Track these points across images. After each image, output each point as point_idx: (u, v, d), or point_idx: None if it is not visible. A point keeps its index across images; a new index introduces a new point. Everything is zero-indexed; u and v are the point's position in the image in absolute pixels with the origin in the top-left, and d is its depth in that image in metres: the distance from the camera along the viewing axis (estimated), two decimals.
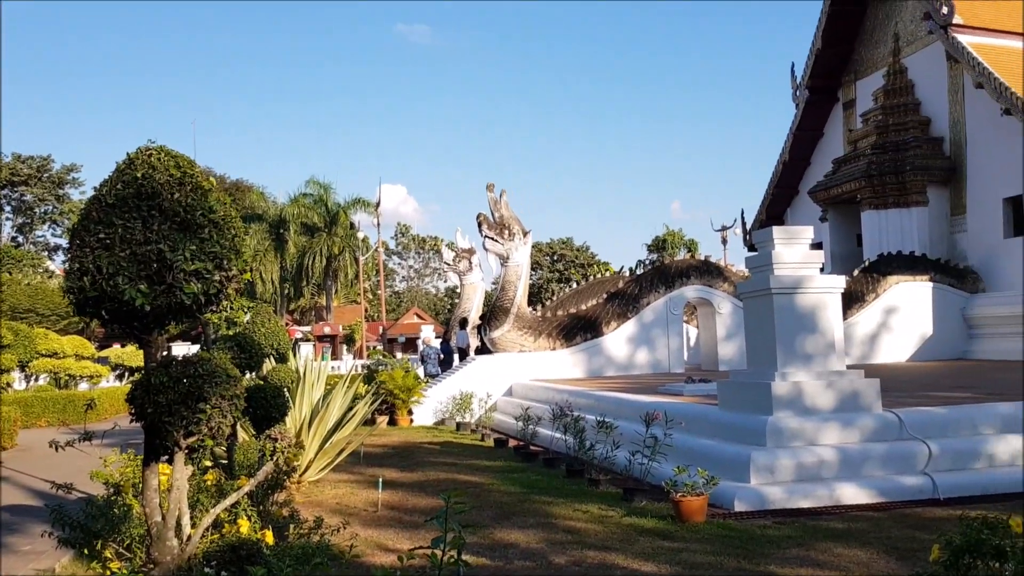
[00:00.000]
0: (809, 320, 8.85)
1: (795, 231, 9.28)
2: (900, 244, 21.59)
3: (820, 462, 8.20)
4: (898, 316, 20.17)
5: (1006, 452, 8.65)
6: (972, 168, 21.12)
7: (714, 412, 9.72)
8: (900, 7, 23.51)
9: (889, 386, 11.52)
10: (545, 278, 70.48)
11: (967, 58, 19.71)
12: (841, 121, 26.31)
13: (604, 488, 9.16)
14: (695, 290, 19.75)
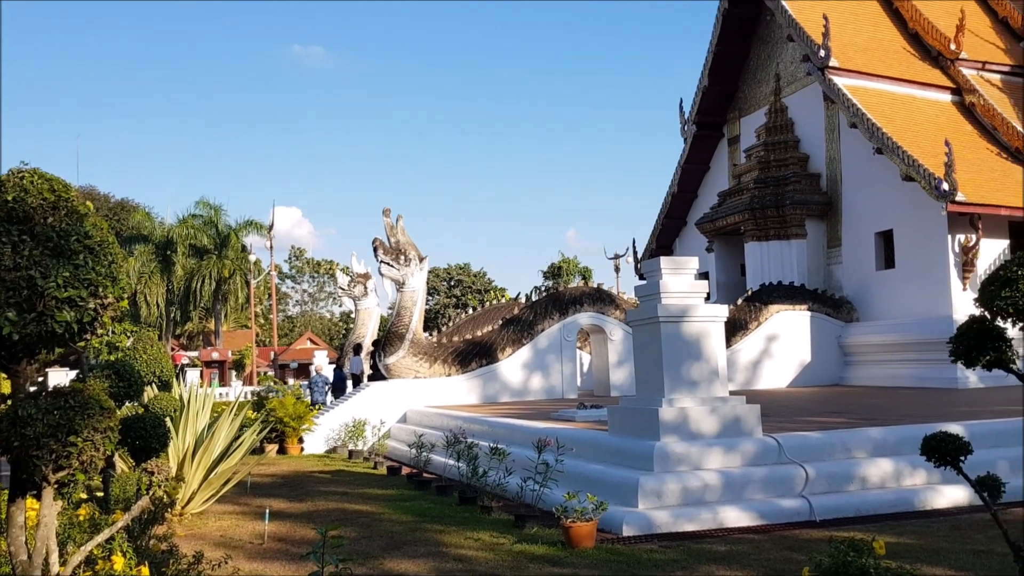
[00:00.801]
0: (694, 347, 9.13)
1: (681, 262, 9.57)
2: (781, 274, 22.55)
3: (704, 486, 8.44)
4: (779, 343, 21.01)
5: (877, 475, 9.08)
6: (847, 203, 22.29)
7: (604, 437, 9.89)
8: (781, 49, 24.71)
9: (770, 411, 11.98)
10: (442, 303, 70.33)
11: (842, 99, 20.85)
12: (726, 156, 27.38)
13: (497, 515, 9.17)
14: (588, 317, 20.09)
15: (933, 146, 19.19)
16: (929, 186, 18.25)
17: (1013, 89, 22.63)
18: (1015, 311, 4.65)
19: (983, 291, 4.80)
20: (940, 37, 22.59)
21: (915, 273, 19.91)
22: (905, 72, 22.17)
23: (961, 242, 18.98)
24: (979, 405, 13.20)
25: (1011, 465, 9.08)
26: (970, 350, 4.75)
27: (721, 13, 25.58)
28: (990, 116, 21.37)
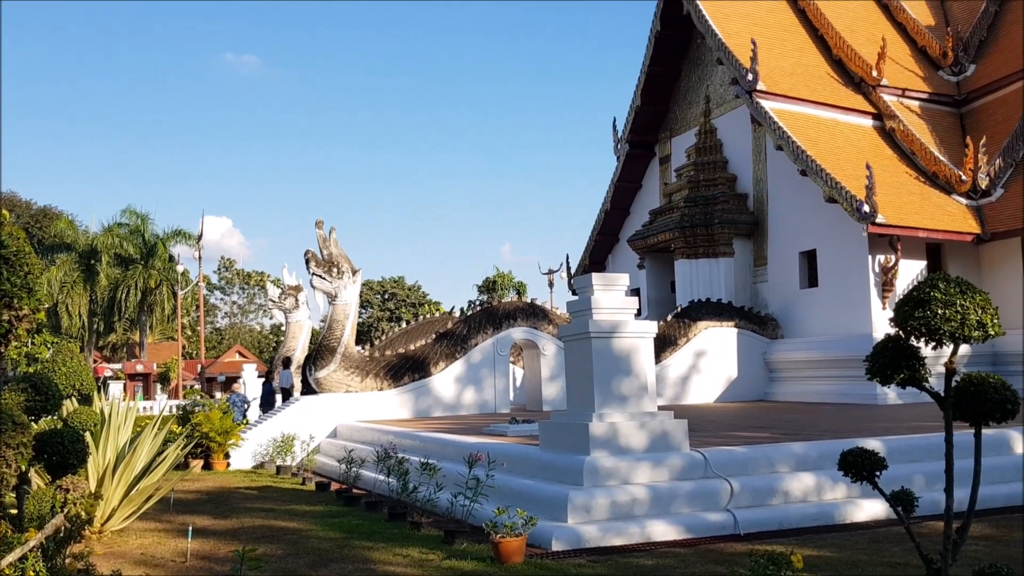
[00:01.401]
0: (624, 363, 9.25)
1: (613, 278, 9.70)
2: (709, 291, 23.01)
3: (633, 500, 8.54)
4: (707, 359, 21.40)
5: (799, 489, 9.31)
6: (773, 223, 22.88)
7: (535, 452, 9.94)
8: (711, 71, 25.30)
9: (697, 426, 12.18)
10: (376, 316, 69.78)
11: (769, 122, 21.43)
12: (658, 174, 27.86)
13: (426, 531, 9.12)
14: (522, 332, 20.18)
15: (855, 169, 19.84)
16: (851, 208, 18.86)
17: (931, 115, 23.56)
18: (928, 331, 4.84)
19: (898, 311, 4.98)
20: (863, 64, 23.41)
21: (837, 292, 20.52)
22: (829, 97, 22.90)
23: (881, 262, 19.63)
24: (897, 421, 13.64)
25: (927, 479, 9.40)
26: (885, 368, 4.92)
27: (654, 35, 26.08)
28: (909, 141, 22.21)
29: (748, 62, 21.90)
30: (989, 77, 23.72)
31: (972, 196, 20.79)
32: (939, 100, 24.07)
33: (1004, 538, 7.95)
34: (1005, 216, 19.88)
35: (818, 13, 25.17)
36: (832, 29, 24.58)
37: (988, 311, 4.90)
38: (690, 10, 24.31)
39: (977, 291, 4.95)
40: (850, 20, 25.50)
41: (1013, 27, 24.35)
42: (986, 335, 4.87)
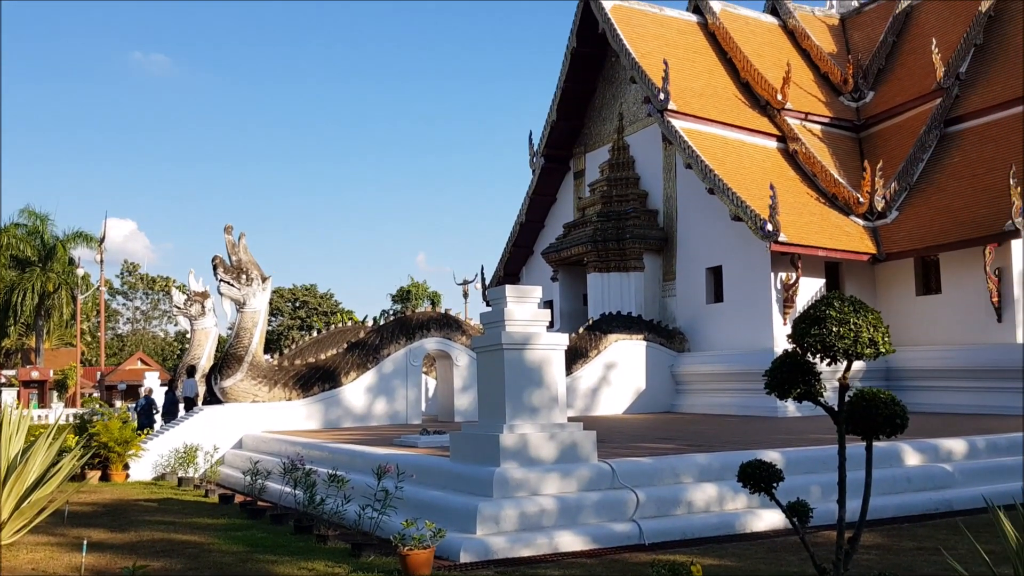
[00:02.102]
0: (536, 375, 9.35)
1: (526, 290, 9.80)
2: (620, 305, 23.42)
3: (541, 511, 8.63)
4: (616, 371, 21.77)
5: (702, 499, 9.55)
6: (681, 239, 23.47)
7: (446, 464, 9.94)
8: (625, 89, 25.83)
9: (606, 437, 12.38)
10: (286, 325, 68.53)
11: (679, 141, 22.00)
12: (572, 188, 28.25)
13: (333, 544, 9.01)
14: (435, 342, 20.14)
15: (760, 189, 20.53)
16: (755, 226, 19.49)
17: (831, 139, 24.56)
18: (823, 348, 5.07)
19: (795, 328, 5.20)
20: (768, 88, 24.26)
21: (741, 307, 21.16)
22: (736, 118, 23.64)
23: (783, 279, 20.34)
24: (796, 433, 14.14)
25: (823, 490, 9.76)
26: (783, 383, 5.13)
27: (570, 51, 26.49)
28: (810, 163, 23.10)
29: (660, 82, 22.44)
30: (886, 104, 24.89)
31: (869, 218, 21.74)
32: (839, 124, 25.13)
33: (894, 547, 8.32)
34: (899, 237, 20.86)
35: (727, 37, 25.99)
36: (740, 53, 25.41)
37: (880, 329, 5.16)
38: (605, 29, 24.79)
39: (870, 310, 5.21)
40: (757, 45, 26.41)
41: (909, 57, 25.62)
42: (877, 352, 5.13)
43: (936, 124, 22.82)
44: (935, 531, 9.04)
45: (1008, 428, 13.35)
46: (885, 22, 27.17)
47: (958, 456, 11.30)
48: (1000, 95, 21.91)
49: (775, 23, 28.44)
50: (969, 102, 22.70)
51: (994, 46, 23.51)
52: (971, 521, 9.10)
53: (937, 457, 11.17)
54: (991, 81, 22.62)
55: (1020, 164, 18.99)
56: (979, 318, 19.34)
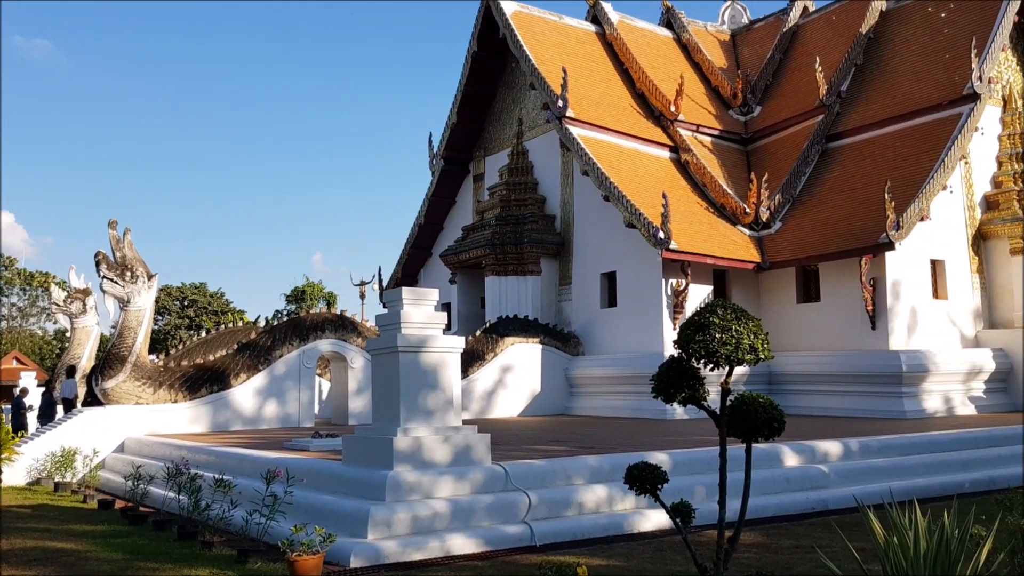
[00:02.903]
0: (431, 377, 9.34)
1: (423, 293, 9.78)
2: (517, 308, 23.64)
3: (434, 514, 8.62)
4: (512, 374, 21.95)
5: (593, 500, 9.73)
6: (578, 244, 23.86)
7: (337, 467, 9.82)
8: (525, 95, 26.09)
9: (500, 440, 12.49)
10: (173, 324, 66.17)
11: (576, 148, 22.37)
12: (471, 192, 28.34)
13: (218, 550, 8.78)
14: (330, 344, 19.86)
15: (653, 197, 21.08)
16: (648, 233, 20.00)
17: (721, 151, 25.43)
18: (707, 354, 5.26)
19: (681, 335, 5.38)
20: (662, 99, 24.93)
21: (634, 312, 21.66)
22: (632, 128, 24.21)
23: (673, 286, 20.93)
24: (683, 435, 14.56)
25: (707, 490, 10.09)
26: (669, 387, 5.30)
27: (471, 55, 26.58)
28: (701, 174, 23.85)
29: (559, 89, 22.77)
30: (773, 119, 25.93)
31: (754, 228, 22.60)
32: (728, 137, 26.04)
33: (773, 545, 8.67)
34: (782, 247, 21.75)
35: (624, 48, 26.58)
36: (636, 64, 26.03)
37: (760, 336, 5.38)
38: (506, 34, 25.00)
39: (751, 318, 5.43)
40: (652, 57, 27.11)
41: (795, 74, 26.77)
42: (757, 359, 5.35)
43: (818, 139, 23.93)
44: (812, 530, 9.45)
45: (880, 431, 14.10)
46: (773, 40, 28.33)
47: (833, 457, 11.85)
48: (877, 114, 23.16)
49: (670, 36, 29.27)
50: (849, 119, 23.89)
51: (873, 67, 24.82)
52: (844, 520, 9.59)
53: (814, 458, 11.68)
54: (869, 100, 23.87)
55: (894, 180, 20.12)
56: (854, 325, 20.37)
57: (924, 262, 20.71)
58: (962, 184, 21.77)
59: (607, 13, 27.70)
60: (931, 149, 20.80)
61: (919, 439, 13.06)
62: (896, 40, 24.90)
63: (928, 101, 21.99)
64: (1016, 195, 21.68)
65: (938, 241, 21.05)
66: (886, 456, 12.34)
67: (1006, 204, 21.80)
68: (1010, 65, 23.12)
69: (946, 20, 23.64)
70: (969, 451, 13.11)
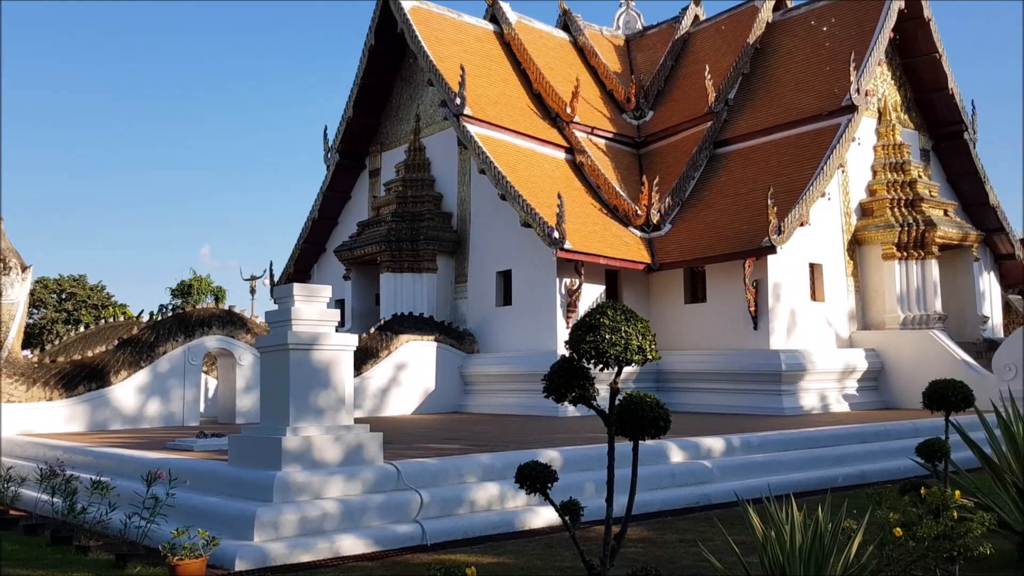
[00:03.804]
0: (323, 376, 9.21)
1: (315, 289, 9.63)
2: (412, 306, 23.53)
3: (324, 515, 8.51)
4: (407, 372, 21.84)
5: (485, 498, 9.78)
6: (474, 242, 23.92)
7: (223, 468, 9.57)
8: (423, 91, 25.97)
9: (393, 438, 12.42)
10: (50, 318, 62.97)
11: (473, 146, 22.42)
12: (367, 187, 28.03)
13: (95, 555, 8.43)
14: (217, 340, 19.30)
15: (548, 197, 21.33)
16: (543, 233, 20.23)
17: (615, 153, 25.94)
18: (597, 354, 5.37)
19: (572, 335, 5.48)
20: (559, 100, 25.25)
21: (528, 311, 21.87)
22: (529, 128, 24.43)
23: (567, 285, 21.24)
24: (574, 432, 14.80)
25: (597, 487, 10.31)
26: (559, 387, 5.39)
27: (368, 49, 26.27)
28: (595, 175, 24.28)
29: (457, 87, 22.77)
30: (664, 124, 26.62)
31: (645, 229, 23.16)
32: (622, 140, 26.59)
33: (658, 540, 8.92)
34: (671, 249, 22.37)
35: (522, 48, 26.80)
36: (533, 65, 26.28)
37: (648, 337, 5.54)
38: (404, 29, 24.82)
39: (639, 319, 5.58)
40: (549, 58, 27.42)
41: (685, 81, 27.54)
42: (645, 359, 5.51)
43: (706, 145, 24.71)
44: (695, 524, 9.77)
45: (760, 427, 14.69)
46: (665, 46, 29.08)
47: (717, 453, 12.28)
48: (762, 122, 24.08)
49: (566, 39, 29.66)
50: (736, 127, 24.75)
51: (759, 76, 25.79)
52: (726, 514, 9.95)
53: (699, 454, 12.07)
54: (755, 108, 24.79)
55: (777, 186, 20.96)
56: (738, 325, 21.13)
57: (803, 265, 21.66)
58: (839, 191, 22.86)
59: (505, 13, 27.86)
60: (811, 157, 21.76)
61: (796, 435, 13.66)
62: (781, 51, 25.94)
63: (809, 111, 23.00)
64: (889, 203, 22.93)
65: (816, 245, 22.05)
66: (765, 452, 12.86)
67: (880, 211, 23.02)
68: (885, 79, 24.43)
69: (827, 34, 24.77)
70: (842, 447, 13.80)
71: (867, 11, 23.92)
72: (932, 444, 7.63)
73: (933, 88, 24.85)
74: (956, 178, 25.67)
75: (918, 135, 25.09)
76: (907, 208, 22.97)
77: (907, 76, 25.08)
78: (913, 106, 25.22)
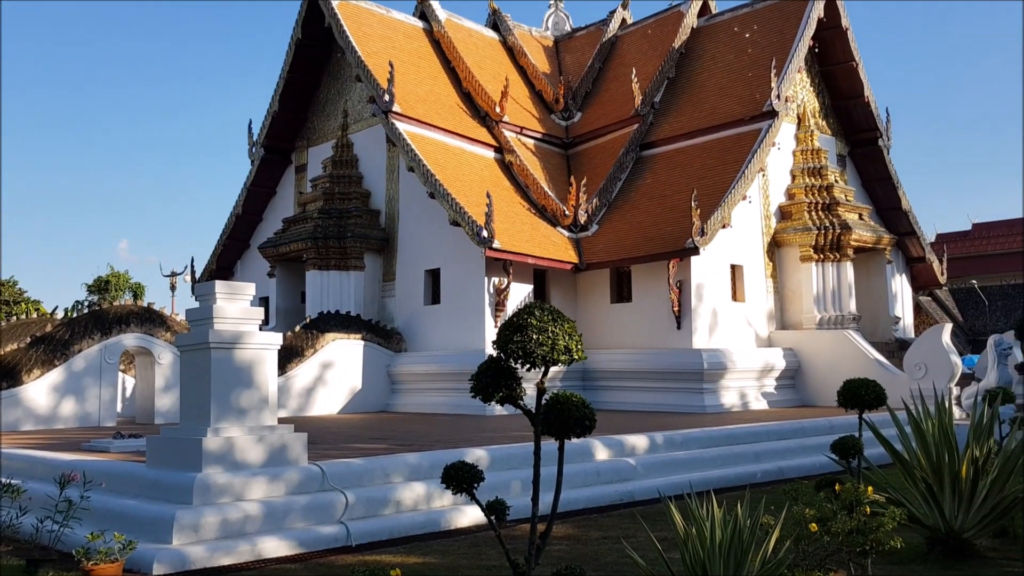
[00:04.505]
0: (246, 375, 9.05)
1: (238, 287, 9.46)
2: (339, 304, 23.26)
3: (245, 517, 8.36)
4: (333, 371, 21.59)
5: (411, 498, 9.75)
6: (402, 240, 23.78)
7: (141, 470, 9.32)
8: (351, 87, 25.70)
9: (318, 438, 12.27)
10: None
11: (402, 143, 22.28)
12: (293, 183, 27.59)
13: (5, 560, 8.10)
14: (135, 338, 18.78)
15: (477, 196, 21.34)
16: (472, 232, 20.24)
17: (543, 154, 26.10)
18: (524, 354, 5.41)
19: (500, 336, 5.50)
20: (488, 100, 25.28)
21: (457, 309, 21.86)
22: (458, 126, 24.39)
23: (495, 284, 21.29)
24: (502, 431, 14.87)
25: (524, 485, 10.38)
26: (487, 387, 5.41)
27: (295, 42, 25.85)
28: (524, 175, 24.39)
29: (386, 83, 22.60)
30: (592, 125, 26.89)
31: (573, 229, 23.37)
32: (550, 141, 26.77)
33: (583, 537, 9.02)
34: (598, 249, 22.62)
35: (451, 46, 26.74)
36: (463, 63, 26.25)
37: (574, 338, 5.59)
38: (332, 24, 24.51)
39: (567, 320, 5.63)
40: (479, 57, 27.43)
41: (613, 84, 27.87)
42: (571, 359, 5.56)
43: (633, 147, 25.06)
44: (619, 520, 9.91)
45: (683, 425, 14.99)
46: (593, 49, 29.37)
47: (640, 451, 12.48)
48: (686, 125, 24.54)
49: (496, 38, 29.71)
50: (661, 130, 25.16)
51: (684, 80, 26.27)
52: (649, 511, 10.12)
53: (623, 452, 12.25)
54: (680, 112, 25.24)
55: (701, 189, 21.39)
56: (662, 325, 21.50)
57: (725, 267, 22.16)
58: (760, 195, 23.46)
59: (435, 10, 27.76)
60: (734, 161, 22.27)
61: (717, 433, 13.98)
62: (705, 56, 26.46)
63: (732, 116, 23.53)
64: (807, 207, 23.62)
65: (738, 247, 22.58)
66: (688, 449, 13.12)
67: (798, 215, 23.70)
68: (805, 85, 25.15)
69: (750, 40, 25.38)
70: (761, 444, 14.18)
71: (788, 19, 24.59)
72: (846, 441, 7.89)
73: (850, 95, 25.69)
74: (871, 183, 26.59)
75: (835, 141, 25.90)
76: (824, 212, 23.71)
77: (825, 83, 25.87)
78: (831, 113, 26.03)
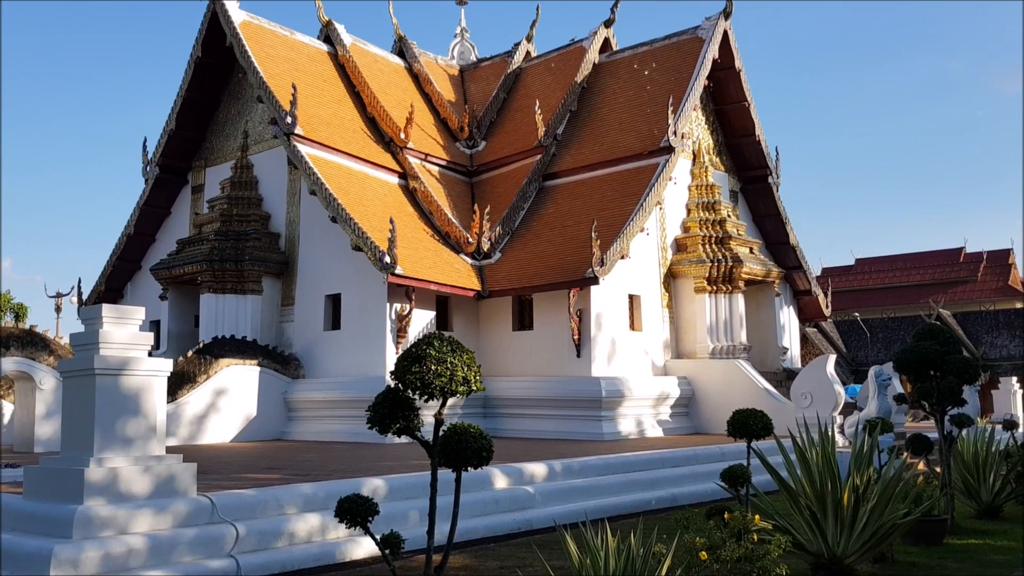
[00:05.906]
0: (133, 403, 8.72)
1: (126, 311, 9.13)
2: (235, 328, 22.67)
3: (129, 551, 8.02)
4: (227, 398, 20.99)
5: (305, 530, 9.53)
6: (302, 265, 23.41)
7: (18, 502, 8.84)
8: (251, 107, 25.26)
9: (210, 468, 11.91)
10: None
11: (304, 166, 22.01)
12: (189, 203, 26.84)
13: None
14: (14, 362, 17.85)
15: (380, 221, 21.23)
16: (374, 257, 20.10)
17: (447, 181, 26.19)
18: (422, 385, 5.43)
19: (398, 366, 5.51)
20: (393, 125, 25.25)
21: (358, 335, 21.60)
22: (362, 151, 24.26)
23: (397, 310, 21.16)
24: (400, 460, 14.70)
25: (421, 515, 10.26)
26: (384, 418, 5.40)
27: (194, 60, 25.28)
28: (428, 202, 24.41)
29: (288, 105, 22.32)
30: (496, 154, 27.17)
31: (476, 257, 23.49)
32: (455, 168, 26.90)
33: (480, 567, 8.99)
34: (500, 277, 22.79)
35: (356, 71, 26.64)
36: (368, 88, 26.18)
37: (473, 368, 5.65)
38: (233, 43, 24.11)
39: (465, 350, 5.68)
40: (384, 83, 27.41)
41: (517, 114, 28.26)
42: (470, 390, 5.61)
43: (536, 178, 25.43)
44: (517, 550, 9.91)
45: (581, 452, 15.16)
46: (498, 79, 29.76)
47: (539, 479, 12.55)
48: (588, 158, 25.08)
49: (401, 64, 29.77)
50: (563, 161, 25.63)
51: (585, 114, 26.86)
52: (546, 539, 10.17)
53: (522, 480, 12.29)
54: (581, 144, 25.78)
55: (601, 220, 21.84)
56: (563, 353, 21.76)
57: (623, 296, 22.63)
58: (657, 227, 24.11)
59: (340, 34, 27.63)
60: (632, 194, 22.85)
61: (614, 460, 14.19)
62: (606, 91, 27.14)
63: (631, 150, 24.17)
64: (701, 240, 24.41)
65: (635, 278, 23.11)
66: (585, 477, 13.27)
67: (693, 247, 24.46)
68: (700, 123, 26.06)
69: (649, 77, 26.17)
70: (656, 471, 14.46)
71: (685, 59, 25.48)
72: (735, 470, 8.15)
73: (742, 134, 26.75)
74: (761, 218, 27.68)
75: (728, 177, 26.88)
76: (717, 245, 24.53)
77: (719, 121, 26.88)
78: (724, 150, 27.03)
